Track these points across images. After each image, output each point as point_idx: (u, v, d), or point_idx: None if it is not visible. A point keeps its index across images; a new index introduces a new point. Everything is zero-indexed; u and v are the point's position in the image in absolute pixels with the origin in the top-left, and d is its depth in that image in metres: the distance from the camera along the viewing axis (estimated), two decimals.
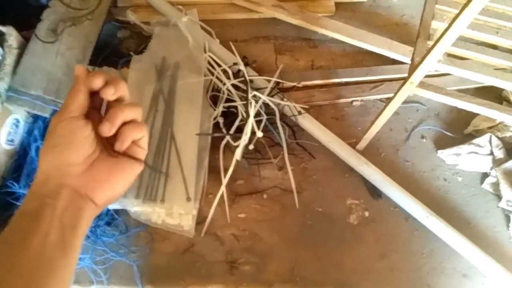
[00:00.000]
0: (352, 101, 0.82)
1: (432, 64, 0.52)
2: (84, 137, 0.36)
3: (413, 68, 0.54)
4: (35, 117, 0.74)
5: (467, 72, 0.54)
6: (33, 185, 0.37)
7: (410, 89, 0.56)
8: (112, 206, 0.70)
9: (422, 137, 0.79)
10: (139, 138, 0.39)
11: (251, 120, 0.70)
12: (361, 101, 0.82)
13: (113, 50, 0.85)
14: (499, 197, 0.73)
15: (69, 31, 0.76)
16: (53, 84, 0.71)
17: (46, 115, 0.71)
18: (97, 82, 0.38)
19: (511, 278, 0.65)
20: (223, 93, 0.77)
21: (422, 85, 0.56)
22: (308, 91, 0.82)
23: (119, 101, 0.39)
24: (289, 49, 0.88)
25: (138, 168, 0.40)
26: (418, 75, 0.53)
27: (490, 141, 0.74)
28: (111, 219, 0.72)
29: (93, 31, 0.79)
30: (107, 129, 0.37)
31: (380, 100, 0.82)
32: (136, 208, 0.69)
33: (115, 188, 0.39)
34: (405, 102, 0.81)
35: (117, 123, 0.38)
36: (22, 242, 0.34)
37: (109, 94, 0.38)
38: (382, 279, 0.69)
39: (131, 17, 0.84)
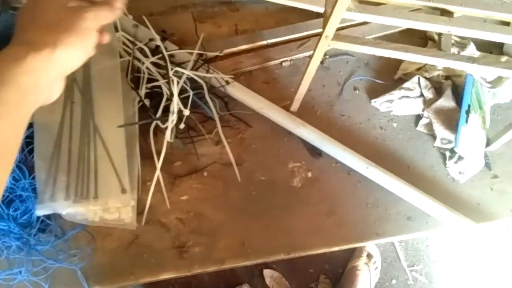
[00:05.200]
0: (281, 62, 0.79)
1: (342, 13, 0.49)
2: None
3: (326, 20, 0.52)
4: None
5: (381, 18, 0.52)
6: None
7: (326, 44, 0.54)
8: (41, 212, 0.65)
9: (355, 88, 0.79)
10: None
11: (176, 99, 0.66)
12: (290, 60, 0.79)
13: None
14: (433, 136, 0.74)
15: None
16: None
17: None
18: None
19: (451, 214, 0.67)
20: (144, 74, 0.72)
21: (337, 37, 0.53)
22: (235, 58, 0.78)
23: None
24: (209, 16, 0.83)
25: None
26: (331, 27, 0.51)
27: (419, 83, 0.74)
28: (44, 225, 0.67)
29: None
30: None
31: (309, 57, 0.79)
32: (68, 210, 0.65)
33: None
34: (333, 55, 0.80)
35: None
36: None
37: None
38: (332, 236, 0.69)
39: (24, 1, 0.75)
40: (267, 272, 1.52)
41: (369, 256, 1.52)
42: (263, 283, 1.50)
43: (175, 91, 0.65)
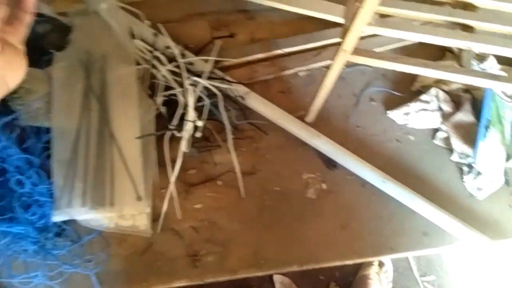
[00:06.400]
0: (297, 72, 0.79)
1: (362, 27, 0.49)
2: None
3: (344, 34, 0.51)
4: None
5: (400, 33, 0.51)
6: None
7: (345, 58, 0.53)
8: (58, 218, 0.66)
9: (371, 99, 0.78)
10: None
11: (191, 110, 0.66)
12: (306, 70, 0.79)
13: (34, 46, 0.77)
14: (451, 151, 0.73)
15: None
16: None
17: None
18: None
19: (467, 230, 0.66)
20: (159, 81, 0.72)
21: (356, 51, 0.53)
22: (251, 66, 0.78)
23: None
24: (225, 24, 0.83)
25: None
26: (350, 41, 0.51)
27: (436, 96, 0.73)
28: (60, 230, 0.68)
29: None
30: None
31: (325, 67, 0.79)
32: (85, 216, 0.66)
33: None
34: (350, 65, 0.79)
35: None
36: None
37: None
38: (346, 249, 0.69)
39: (45, 9, 0.77)
40: (277, 278, 1.51)
41: (381, 264, 1.50)
42: None
43: (190, 101, 0.66)
